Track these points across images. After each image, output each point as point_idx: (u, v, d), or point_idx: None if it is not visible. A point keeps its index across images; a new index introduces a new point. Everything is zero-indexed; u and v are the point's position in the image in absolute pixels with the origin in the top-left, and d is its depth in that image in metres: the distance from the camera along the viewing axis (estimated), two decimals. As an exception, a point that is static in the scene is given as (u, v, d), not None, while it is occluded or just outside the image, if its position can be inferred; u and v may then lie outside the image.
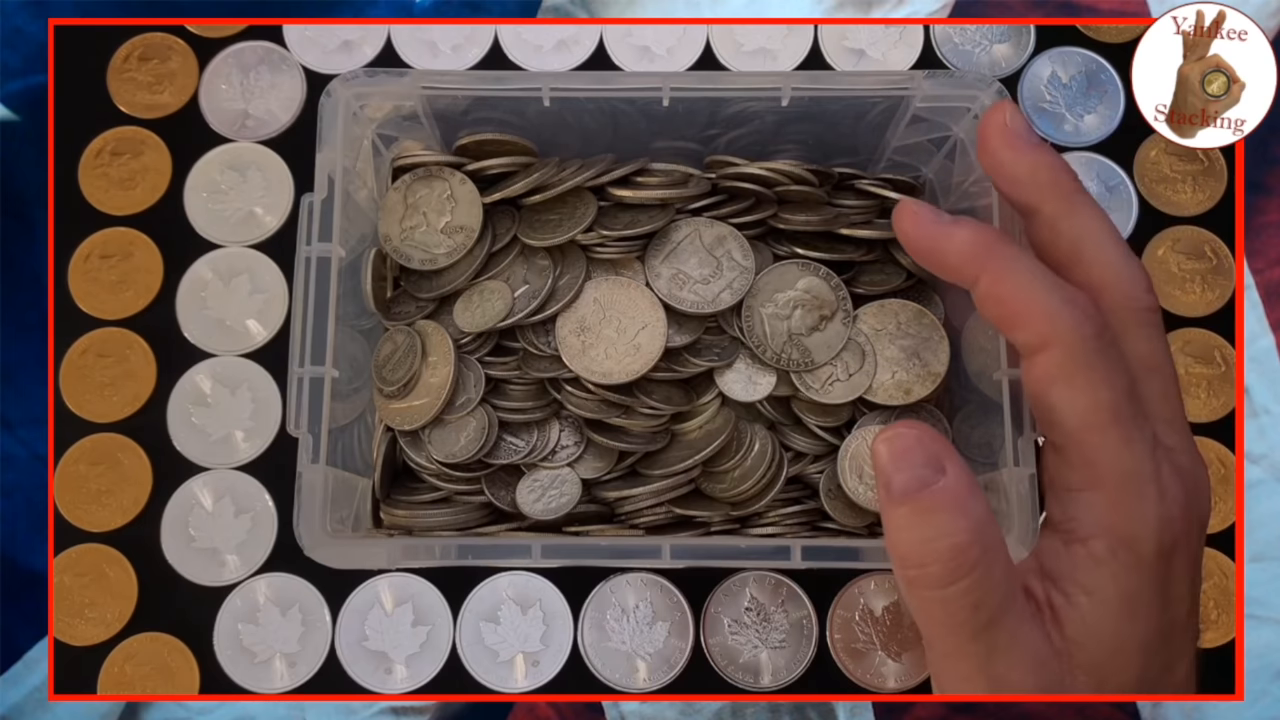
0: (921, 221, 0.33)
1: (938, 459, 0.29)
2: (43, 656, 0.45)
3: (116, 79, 0.50)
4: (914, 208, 0.33)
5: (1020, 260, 0.31)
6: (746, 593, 0.45)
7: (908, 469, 0.29)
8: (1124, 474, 0.30)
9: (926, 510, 0.29)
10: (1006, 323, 0.31)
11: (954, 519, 0.29)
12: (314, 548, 0.35)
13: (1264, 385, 0.48)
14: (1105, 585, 0.30)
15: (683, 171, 0.41)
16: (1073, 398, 0.30)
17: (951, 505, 0.29)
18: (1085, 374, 0.30)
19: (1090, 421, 0.30)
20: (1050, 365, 0.30)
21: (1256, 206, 0.50)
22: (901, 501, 0.29)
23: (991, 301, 0.31)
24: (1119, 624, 0.30)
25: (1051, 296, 0.30)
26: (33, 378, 0.47)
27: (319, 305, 0.36)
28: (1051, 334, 0.30)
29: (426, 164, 0.41)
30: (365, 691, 0.45)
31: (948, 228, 0.32)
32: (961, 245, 0.32)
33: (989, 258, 0.31)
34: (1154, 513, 0.30)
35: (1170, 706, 0.45)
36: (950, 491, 0.29)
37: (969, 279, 0.32)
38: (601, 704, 0.45)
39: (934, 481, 0.29)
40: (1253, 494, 0.47)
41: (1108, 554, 0.30)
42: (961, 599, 0.29)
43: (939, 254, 0.33)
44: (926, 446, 0.29)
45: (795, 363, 0.40)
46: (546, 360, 0.41)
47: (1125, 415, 0.30)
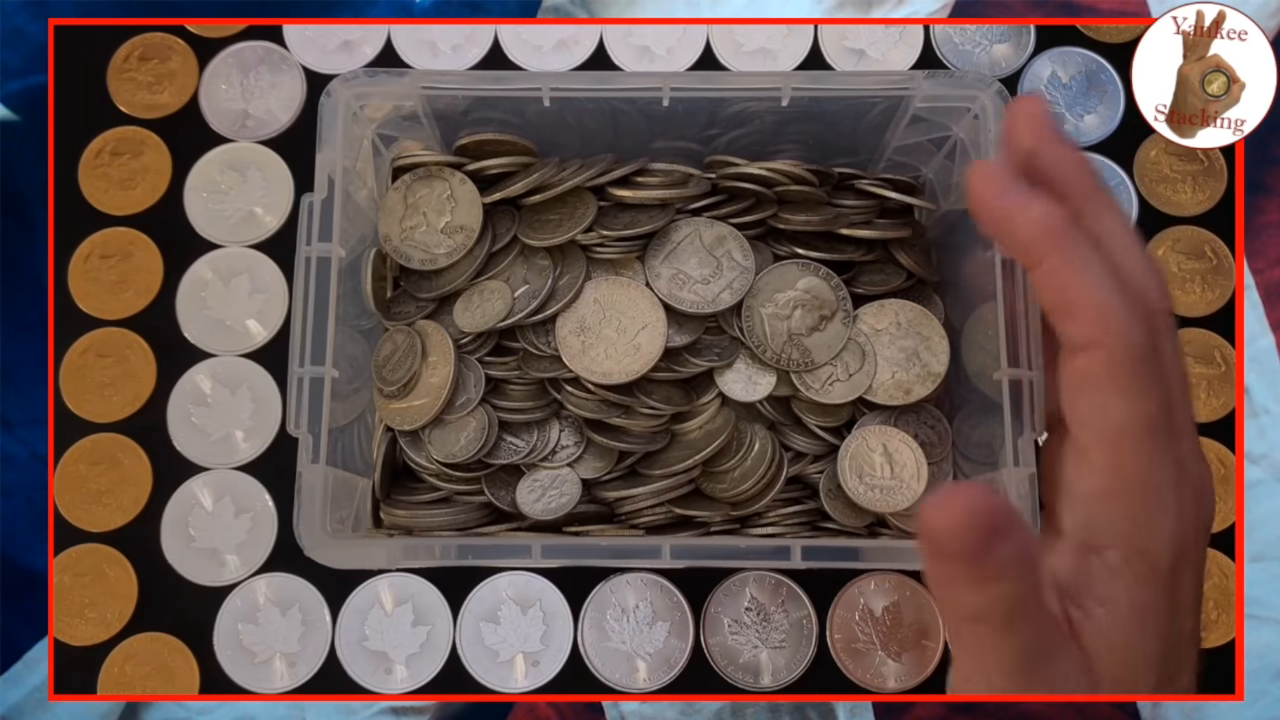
0: (996, 185, 0.31)
1: (995, 527, 0.27)
2: (43, 656, 0.45)
3: (116, 79, 0.50)
4: (990, 171, 0.32)
5: (1088, 251, 0.30)
6: (746, 593, 0.45)
7: (964, 538, 0.27)
8: (1149, 486, 0.29)
9: (980, 578, 0.28)
10: (1060, 312, 0.30)
11: (1010, 585, 0.28)
12: (314, 548, 0.35)
13: (1264, 385, 0.48)
14: (1120, 597, 0.29)
15: (683, 171, 0.41)
16: (1110, 403, 0.29)
17: (1007, 574, 0.28)
18: (1128, 380, 0.29)
19: (1125, 430, 0.29)
20: (1094, 365, 0.29)
21: (1256, 206, 0.50)
22: (956, 565, 0.28)
23: (1051, 288, 0.30)
24: (1132, 636, 0.30)
25: (1112, 296, 0.29)
26: (33, 378, 0.47)
27: (319, 305, 0.36)
28: (1103, 334, 0.29)
29: (426, 164, 0.41)
30: (365, 691, 0.45)
31: (1024, 199, 0.31)
32: (1034, 222, 0.30)
33: (1059, 241, 0.30)
34: (1171, 526, 0.29)
35: (1170, 706, 0.45)
36: (1007, 559, 0.27)
37: (1032, 258, 0.30)
38: (601, 704, 0.45)
39: (992, 548, 0.27)
40: (1253, 494, 0.47)
41: (1122, 564, 0.29)
42: (1016, 651, 0.28)
43: (1008, 224, 0.31)
44: (983, 514, 0.27)
45: (795, 363, 0.40)
46: (546, 360, 0.41)
47: (1160, 429, 0.29)
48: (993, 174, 0.31)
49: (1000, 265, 0.35)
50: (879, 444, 0.40)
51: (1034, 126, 0.32)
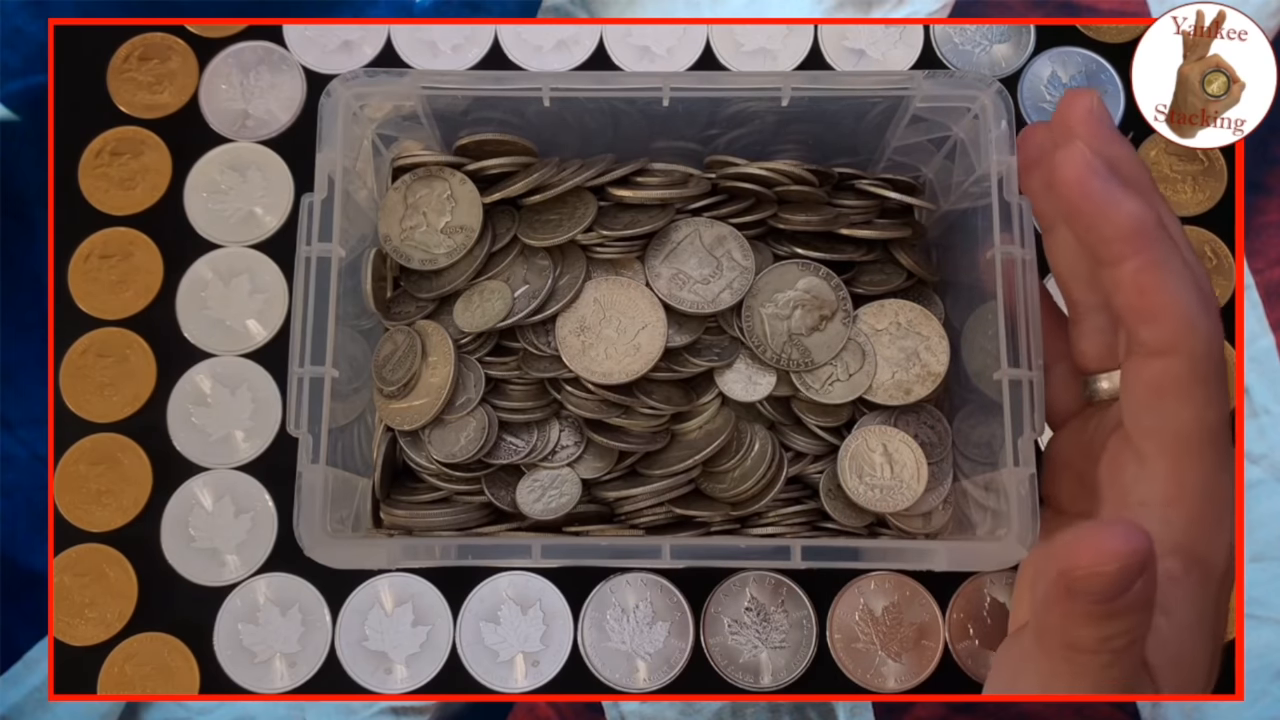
0: (1092, 175, 0.29)
1: (1134, 571, 0.27)
2: (43, 656, 0.45)
3: (116, 79, 0.50)
4: (1088, 157, 0.29)
5: (1176, 255, 0.29)
6: (746, 593, 0.45)
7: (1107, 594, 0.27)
8: (1210, 496, 0.29)
9: (1112, 614, 0.27)
10: (1140, 314, 0.29)
11: (1137, 616, 0.27)
12: (314, 548, 0.35)
13: (1264, 385, 0.48)
14: (1181, 605, 0.29)
15: (683, 171, 0.41)
16: (1181, 412, 0.29)
17: (1136, 608, 0.27)
18: (1202, 390, 0.29)
19: (1192, 440, 0.29)
20: (1169, 373, 0.29)
21: (1256, 206, 0.50)
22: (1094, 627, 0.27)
23: (1133, 290, 0.29)
24: (1195, 645, 0.29)
25: (1195, 303, 0.29)
26: (33, 378, 0.47)
27: (319, 305, 0.36)
28: (1182, 342, 0.28)
29: (426, 164, 0.41)
30: (365, 691, 0.45)
31: (1117, 193, 0.29)
32: (1126, 220, 0.29)
33: (1149, 242, 0.29)
34: (1227, 537, 0.29)
35: (1170, 706, 0.45)
36: (1138, 597, 0.27)
37: (1115, 255, 0.29)
38: (601, 704, 0.45)
39: (1127, 589, 0.27)
40: (1253, 494, 0.47)
41: (1183, 573, 0.29)
42: (1127, 672, 0.28)
43: (1098, 219, 0.29)
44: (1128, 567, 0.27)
45: (795, 363, 0.40)
46: (546, 360, 0.41)
47: (1222, 439, 0.29)
48: (1091, 163, 0.30)
49: (1000, 265, 0.35)
50: (879, 444, 0.40)
51: (1091, 120, 0.31)
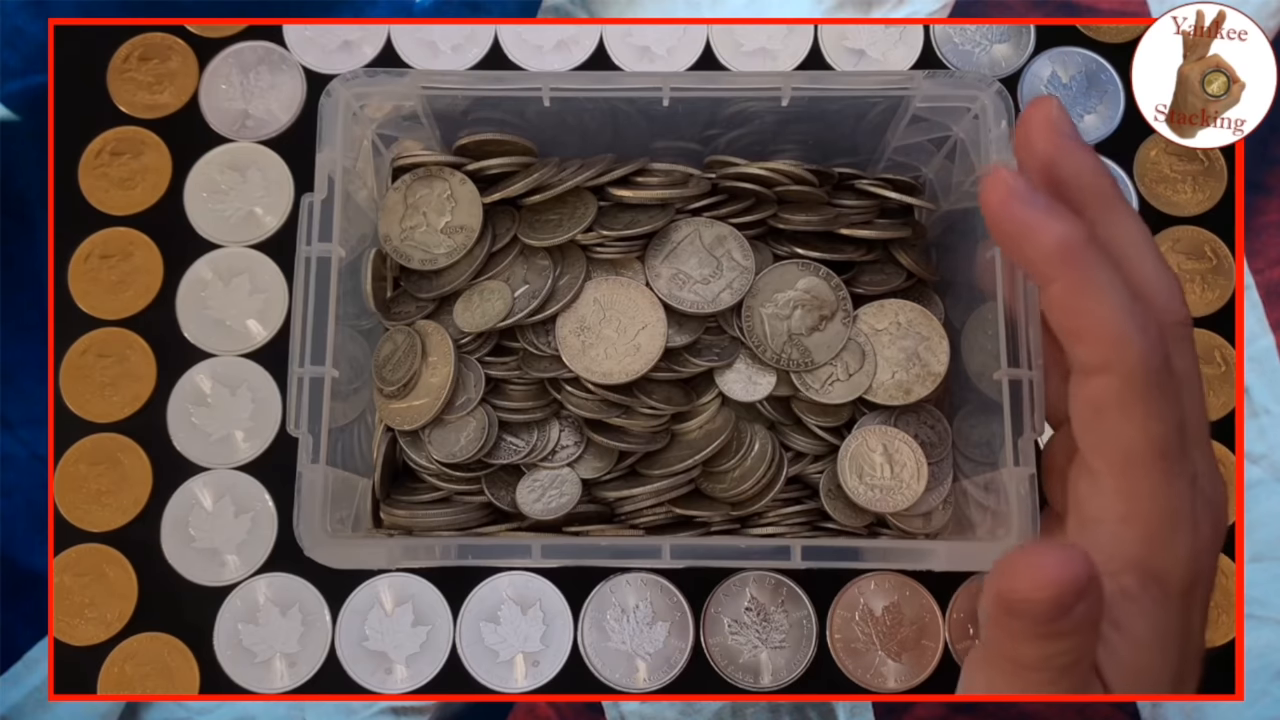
0: (1014, 200, 0.30)
1: (1076, 589, 0.27)
2: (43, 656, 0.45)
3: (116, 79, 0.50)
4: (1008, 180, 0.30)
5: (1103, 272, 0.29)
6: (746, 593, 0.45)
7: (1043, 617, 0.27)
8: (1162, 510, 0.29)
9: (1055, 634, 0.28)
10: (1070, 335, 0.30)
11: (1081, 638, 0.28)
12: (314, 548, 0.35)
13: (1264, 385, 0.48)
14: (1136, 621, 0.29)
15: (683, 171, 0.41)
16: (1122, 428, 0.29)
17: (1081, 629, 0.28)
18: (1140, 406, 0.28)
19: (1137, 455, 0.29)
20: (1107, 391, 0.29)
21: (1256, 206, 0.50)
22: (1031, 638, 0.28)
23: (1062, 310, 0.29)
24: (1150, 659, 0.29)
25: (1126, 321, 0.28)
26: (33, 378, 0.47)
27: (319, 305, 0.36)
28: (1116, 360, 0.28)
29: (426, 164, 0.41)
30: (365, 691, 0.45)
31: (1042, 216, 0.29)
32: (1052, 241, 0.29)
33: (1075, 263, 0.29)
34: (1186, 550, 0.29)
35: (1170, 706, 0.45)
36: (1081, 618, 0.27)
37: (1044, 276, 0.30)
38: (601, 704, 0.45)
39: (1068, 610, 0.27)
40: (1253, 494, 0.47)
41: (1139, 589, 0.29)
42: (1072, 681, 0.28)
43: (1024, 241, 0.30)
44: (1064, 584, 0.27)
45: (795, 363, 0.40)
46: (546, 360, 0.41)
47: (1173, 451, 0.29)
48: (1012, 184, 0.30)
49: (1000, 265, 0.35)
50: (879, 444, 0.40)
51: (1050, 132, 0.31)
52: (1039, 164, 0.32)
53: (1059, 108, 0.31)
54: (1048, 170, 0.31)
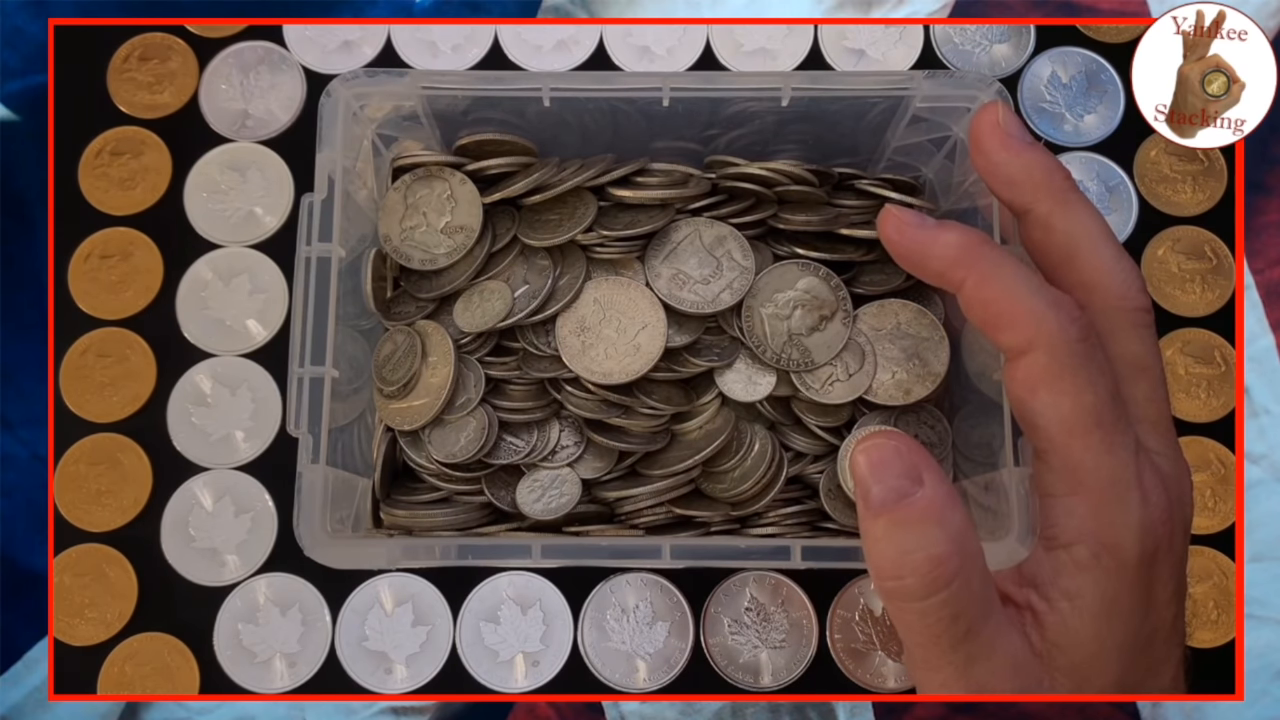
0: (905, 226, 0.33)
1: (916, 470, 0.29)
2: (43, 656, 0.45)
3: (116, 79, 0.50)
4: (896, 213, 0.33)
5: (1006, 262, 0.31)
6: (746, 593, 0.45)
7: (885, 480, 0.29)
8: (1106, 479, 0.30)
9: (904, 523, 0.29)
10: (991, 325, 0.31)
11: (931, 531, 0.28)
12: (314, 548, 0.35)
13: (1264, 385, 0.48)
14: (1087, 590, 0.30)
15: (683, 171, 0.41)
16: (1055, 402, 0.30)
17: (929, 517, 0.29)
18: (1069, 378, 0.30)
19: (1073, 426, 0.30)
20: (1034, 369, 0.30)
21: (1256, 206, 0.50)
22: (879, 513, 0.29)
23: (977, 304, 0.31)
24: (1100, 628, 0.30)
25: (1036, 299, 0.30)
26: (33, 378, 0.47)
27: (319, 305, 0.36)
28: (1036, 337, 0.30)
29: (426, 164, 0.41)
30: (365, 691, 0.45)
31: (932, 232, 0.32)
32: (945, 249, 0.32)
33: (974, 261, 0.31)
34: (1136, 518, 0.30)
35: (1170, 706, 0.45)
36: (928, 503, 0.29)
37: (954, 283, 0.32)
38: (601, 704, 0.45)
39: (912, 493, 0.29)
40: (1253, 494, 0.47)
41: (1090, 559, 0.30)
42: (939, 611, 0.29)
43: (924, 258, 0.32)
44: (905, 457, 0.29)
45: (795, 363, 0.40)
46: (546, 360, 0.41)
47: (1108, 420, 0.30)
48: (898, 215, 0.33)
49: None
50: (879, 444, 0.40)
51: (998, 134, 0.33)
52: (991, 166, 0.33)
53: (1005, 110, 0.33)
54: (999, 171, 0.33)
